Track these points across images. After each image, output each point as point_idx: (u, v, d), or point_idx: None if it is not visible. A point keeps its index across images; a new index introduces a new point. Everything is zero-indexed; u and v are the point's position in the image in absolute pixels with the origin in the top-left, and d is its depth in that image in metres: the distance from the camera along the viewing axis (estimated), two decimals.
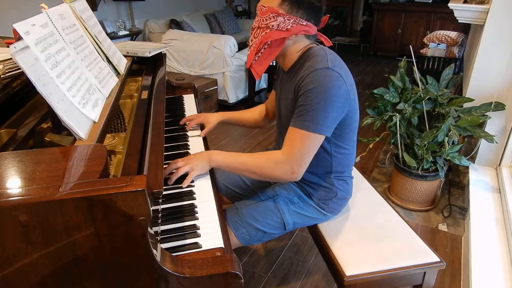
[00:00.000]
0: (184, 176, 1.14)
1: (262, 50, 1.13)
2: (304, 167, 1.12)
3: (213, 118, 1.50)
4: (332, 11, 7.84)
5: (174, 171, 1.14)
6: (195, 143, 1.44)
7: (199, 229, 0.97)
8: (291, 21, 1.08)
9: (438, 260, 1.19)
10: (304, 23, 1.10)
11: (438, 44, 3.35)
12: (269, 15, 1.09)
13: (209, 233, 0.96)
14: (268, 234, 1.26)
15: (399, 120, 2.00)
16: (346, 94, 1.09)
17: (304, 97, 1.07)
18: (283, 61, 1.20)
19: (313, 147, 1.10)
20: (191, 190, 1.13)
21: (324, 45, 1.20)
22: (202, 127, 1.52)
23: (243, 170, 1.17)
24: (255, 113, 1.56)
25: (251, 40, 1.16)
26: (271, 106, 1.50)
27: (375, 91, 2.05)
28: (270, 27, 1.09)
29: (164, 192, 1.10)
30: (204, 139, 1.48)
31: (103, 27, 3.69)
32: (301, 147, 1.09)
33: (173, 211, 1.04)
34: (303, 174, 1.14)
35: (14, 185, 0.66)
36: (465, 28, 3.82)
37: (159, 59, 1.72)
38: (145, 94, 1.29)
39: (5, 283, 0.67)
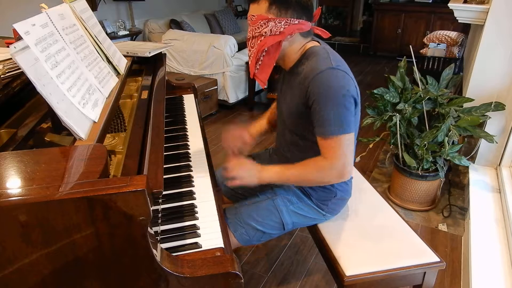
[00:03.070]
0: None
1: (262, 58, 1.14)
2: (351, 164, 1.14)
3: (249, 137, 1.43)
4: (332, 11, 7.84)
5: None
6: (195, 143, 1.44)
7: (199, 229, 0.97)
8: (282, 23, 1.08)
9: (438, 260, 1.19)
10: (296, 22, 1.09)
11: (438, 44, 3.35)
12: (260, 23, 1.09)
13: (209, 233, 0.96)
14: (267, 234, 1.26)
15: (399, 120, 2.00)
16: (355, 89, 1.10)
17: (319, 103, 1.06)
18: (284, 63, 1.21)
19: (349, 146, 1.11)
20: (191, 190, 1.13)
21: (322, 38, 1.21)
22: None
23: (294, 182, 1.21)
24: (273, 113, 1.50)
25: (249, 50, 1.17)
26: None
27: (375, 91, 2.05)
28: (264, 34, 1.10)
29: (164, 192, 1.10)
30: (204, 139, 1.48)
31: (103, 27, 3.69)
32: (340, 152, 1.09)
33: (173, 211, 1.04)
34: None
35: (14, 185, 0.66)
36: (465, 28, 3.82)
37: (159, 59, 1.72)
38: (145, 94, 1.29)
39: (5, 283, 0.67)
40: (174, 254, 0.85)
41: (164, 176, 0.98)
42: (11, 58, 1.09)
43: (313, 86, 1.06)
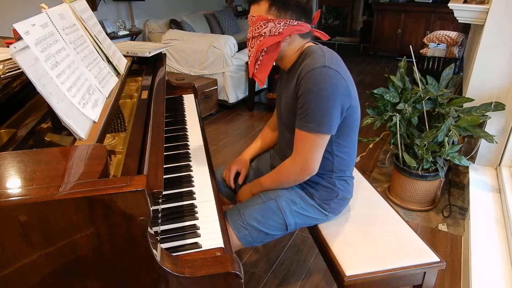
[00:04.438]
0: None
1: (261, 58, 1.16)
2: (313, 164, 1.16)
3: (245, 162, 1.50)
4: (332, 11, 7.84)
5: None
6: (195, 143, 1.44)
7: (199, 229, 0.97)
8: (282, 24, 1.10)
9: (438, 260, 1.19)
10: (295, 23, 1.11)
11: (438, 44, 3.35)
12: (259, 23, 1.11)
13: (209, 233, 0.96)
14: (270, 235, 1.26)
15: (399, 120, 2.00)
16: (347, 91, 1.10)
17: (303, 98, 1.09)
18: (283, 63, 1.22)
19: (317, 147, 1.13)
20: (191, 190, 1.13)
21: (321, 40, 1.22)
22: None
23: (279, 186, 1.28)
24: (271, 131, 1.54)
25: (249, 51, 1.19)
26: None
27: (375, 91, 2.05)
28: (263, 34, 1.12)
29: (164, 192, 1.10)
30: (205, 139, 1.48)
31: (103, 27, 3.69)
32: (305, 148, 1.13)
33: (173, 211, 1.04)
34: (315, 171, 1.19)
35: (14, 185, 0.66)
36: (465, 28, 3.82)
37: (159, 59, 1.72)
38: (145, 94, 1.29)
39: (5, 283, 0.67)
40: (174, 254, 0.85)
41: (164, 176, 0.98)
42: (11, 58, 1.09)
43: (304, 82, 1.08)
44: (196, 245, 0.91)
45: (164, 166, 1.03)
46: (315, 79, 1.06)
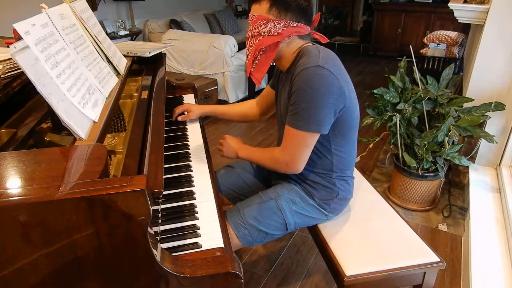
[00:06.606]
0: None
1: (259, 57, 1.17)
2: (299, 161, 1.17)
3: (195, 108, 1.59)
4: (332, 11, 7.84)
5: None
6: (195, 143, 1.44)
7: (199, 229, 0.97)
8: (281, 24, 1.11)
9: (438, 260, 1.19)
10: (295, 25, 1.12)
11: (438, 44, 3.35)
12: (259, 22, 1.12)
13: (209, 233, 0.96)
14: (270, 235, 1.26)
15: (399, 120, 2.00)
16: (340, 91, 1.10)
17: (295, 95, 1.10)
18: (281, 63, 1.23)
19: (305, 145, 1.14)
20: (191, 190, 1.13)
21: (321, 43, 1.22)
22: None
23: (260, 165, 1.30)
24: (242, 107, 1.60)
25: (248, 49, 1.20)
26: (262, 101, 1.53)
27: (375, 91, 2.05)
28: (262, 33, 1.13)
29: (164, 192, 1.10)
30: (204, 139, 1.48)
31: (103, 27, 3.69)
32: (293, 145, 1.15)
33: (173, 211, 1.04)
34: (303, 170, 1.20)
35: (14, 185, 0.66)
36: (465, 28, 3.83)
37: (159, 59, 1.72)
38: (145, 94, 1.29)
39: (5, 283, 0.67)
40: (174, 254, 0.85)
41: (164, 176, 0.98)
42: (11, 58, 1.09)
43: (296, 80, 1.10)
44: (196, 245, 0.91)
45: (164, 166, 1.03)
46: (307, 78, 1.07)
